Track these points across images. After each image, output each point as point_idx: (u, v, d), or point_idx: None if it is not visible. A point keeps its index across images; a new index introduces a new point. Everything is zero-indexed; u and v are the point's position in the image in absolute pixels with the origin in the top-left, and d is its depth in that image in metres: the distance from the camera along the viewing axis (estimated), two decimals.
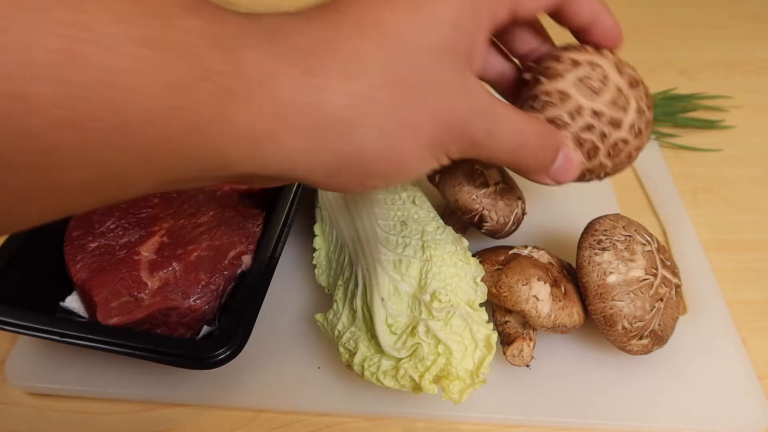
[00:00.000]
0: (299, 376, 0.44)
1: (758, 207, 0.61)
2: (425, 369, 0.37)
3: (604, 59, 0.37)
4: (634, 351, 0.42)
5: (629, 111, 0.37)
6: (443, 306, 0.38)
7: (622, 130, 0.37)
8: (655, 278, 0.42)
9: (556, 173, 0.36)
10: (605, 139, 0.37)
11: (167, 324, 0.42)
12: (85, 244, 0.45)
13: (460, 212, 0.47)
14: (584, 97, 0.36)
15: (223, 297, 0.44)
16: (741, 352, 0.47)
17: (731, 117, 0.71)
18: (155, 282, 0.43)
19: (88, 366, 0.43)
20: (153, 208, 0.47)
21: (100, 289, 0.42)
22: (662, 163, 0.63)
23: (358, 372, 0.38)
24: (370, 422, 0.43)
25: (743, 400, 0.44)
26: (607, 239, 0.42)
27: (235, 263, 0.44)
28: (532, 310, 0.41)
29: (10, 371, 0.43)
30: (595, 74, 0.37)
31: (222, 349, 0.38)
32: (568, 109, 0.36)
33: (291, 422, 0.43)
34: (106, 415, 0.43)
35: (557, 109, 0.37)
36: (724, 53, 0.82)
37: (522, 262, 0.43)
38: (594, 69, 0.37)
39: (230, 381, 0.43)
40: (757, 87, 0.77)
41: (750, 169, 0.65)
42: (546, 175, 0.36)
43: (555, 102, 0.37)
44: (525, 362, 0.42)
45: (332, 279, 0.46)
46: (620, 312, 0.41)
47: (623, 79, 0.37)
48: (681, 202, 0.59)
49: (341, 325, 0.41)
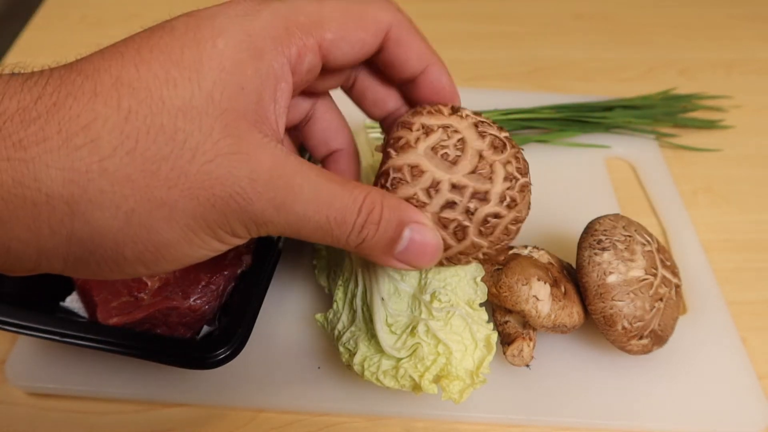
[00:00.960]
0: (299, 376, 0.44)
1: (758, 207, 0.61)
2: (425, 369, 0.37)
3: (461, 121, 0.33)
4: (634, 351, 0.42)
5: (496, 180, 0.32)
6: (443, 306, 0.38)
7: (491, 203, 0.32)
8: (655, 278, 0.42)
9: (405, 256, 0.29)
10: (472, 216, 0.32)
11: (167, 324, 0.42)
12: None
13: None
14: (440, 170, 0.32)
15: (223, 297, 0.44)
16: (741, 352, 0.47)
17: (731, 117, 0.71)
18: (155, 282, 0.43)
19: (88, 366, 0.43)
20: None
21: (100, 289, 0.42)
22: (662, 163, 0.63)
23: (358, 372, 0.38)
24: (370, 422, 0.43)
25: (743, 400, 0.44)
26: (607, 239, 0.42)
27: (235, 263, 0.44)
28: (532, 310, 0.41)
29: (10, 371, 0.43)
30: (451, 141, 0.32)
31: (222, 349, 0.38)
32: (423, 185, 0.31)
33: (291, 422, 0.43)
34: (106, 415, 0.43)
35: (410, 187, 0.31)
36: (724, 53, 0.82)
37: (522, 262, 0.43)
38: (449, 135, 0.32)
39: (230, 381, 0.43)
40: (757, 87, 0.77)
41: (750, 169, 0.65)
42: (392, 258, 0.29)
43: (407, 179, 0.32)
44: (525, 362, 0.42)
45: (332, 279, 0.46)
46: (620, 312, 0.41)
47: (485, 143, 0.32)
48: (681, 202, 0.59)
49: (341, 325, 0.41)
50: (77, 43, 0.74)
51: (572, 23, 0.86)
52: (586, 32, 0.84)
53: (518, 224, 0.35)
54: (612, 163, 0.64)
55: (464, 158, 0.32)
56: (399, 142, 0.32)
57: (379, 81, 0.35)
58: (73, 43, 0.75)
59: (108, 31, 0.36)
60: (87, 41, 0.74)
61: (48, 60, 0.25)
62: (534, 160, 0.61)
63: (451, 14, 0.87)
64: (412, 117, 0.34)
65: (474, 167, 0.32)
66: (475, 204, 0.32)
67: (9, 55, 0.73)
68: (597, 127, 0.65)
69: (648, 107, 0.68)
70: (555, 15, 0.87)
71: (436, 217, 0.31)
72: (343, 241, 0.28)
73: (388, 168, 0.32)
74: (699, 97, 0.72)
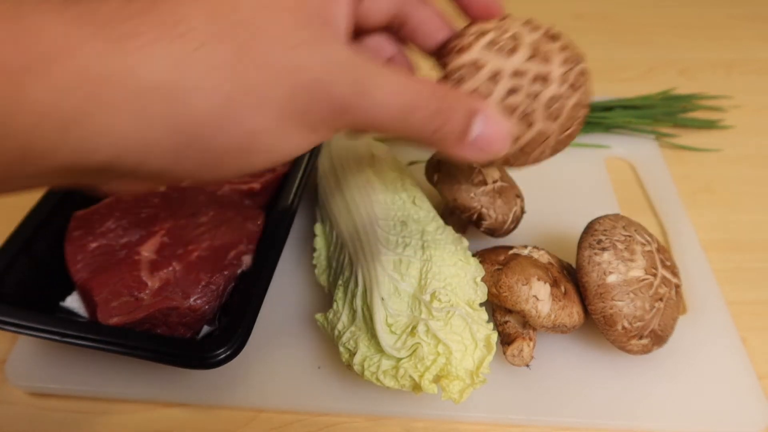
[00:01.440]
0: (299, 376, 0.44)
1: (758, 207, 0.61)
2: (425, 369, 0.37)
3: (512, 22, 0.34)
4: (634, 351, 0.42)
5: (553, 63, 0.33)
6: (443, 306, 0.38)
7: (553, 85, 0.33)
8: (655, 278, 0.42)
9: (479, 143, 0.29)
10: (536, 98, 0.33)
11: (167, 324, 0.42)
12: (86, 244, 0.45)
13: (459, 211, 0.47)
14: (499, 59, 0.33)
15: (224, 297, 0.44)
16: (741, 352, 0.47)
17: (731, 117, 0.71)
18: (155, 282, 0.43)
19: (88, 366, 0.43)
20: (153, 208, 0.47)
21: (100, 289, 0.42)
22: (662, 163, 0.63)
23: (358, 372, 0.38)
24: (370, 422, 0.43)
25: (743, 400, 0.44)
26: (607, 239, 0.42)
27: (235, 263, 0.44)
28: (531, 310, 0.41)
29: (10, 371, 0.43)
30: (505, 36, 0.33)
31: (222, 349, 0.38)
32: (485, 77, 0.32)
33: (291, 422, 0.43)
34: (106, 415, 0.43)
35: (473, 81, 0.33)
36: (724, 53, 0.82)
37: (522, 261, 0.43)
38: (503, 32, 0.33)
39: (230, 381, 0.43)
40: (757, 87, 0.77)
41: (750, 169, 0.65)
42: (465, 146, 0.29)
43: (468, 74, 0.33)
44: (525, 362, 0.42)
45: (332, 279, 0.46)
46: (620, 312, 0.41)
47: (538, 34, 0.34)
48: (681, 202, 0.59)
49: (341, 325, 0.41)
50: None
51: (572, 23, 0.86)
52: (586, 32, 0.84)
53: (583, 109, 0.35)
54: (612, 163, 0.64)
55: (521, 48, 0.33)
56: (454, 48, 0.34)
57: (430, 13, 0.36)
58: None
59: None
60: None
61: None
62: None
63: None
64: (465, 28, 0.35)
65: (531, 54, 0.33)
66: (538, 87, 0.33)
67: None
68: (597, 127, 0.65)
69: (648, 107, 0.68)
70: (555, 15, 0.87)
71: (501, 106, 0.32)
72: (418, 129, 0.28)
73: (447, 71, 0.33)
74: (699, 97, 0.72)
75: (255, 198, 0.51)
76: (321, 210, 0.50)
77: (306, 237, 0.52)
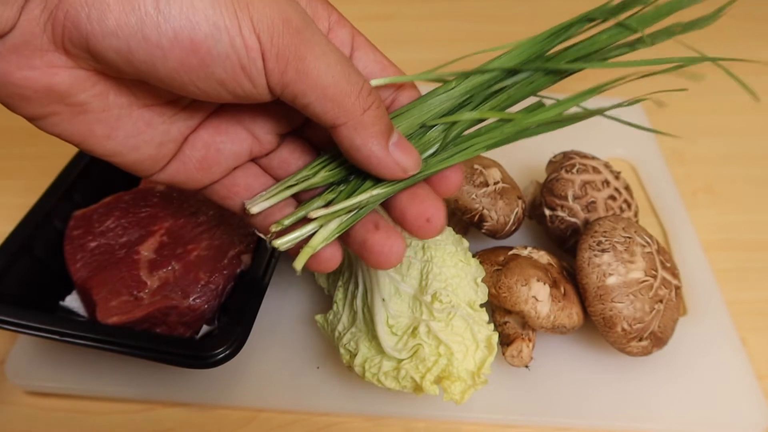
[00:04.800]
0: (299, 376, 0.44)
1: (758, 207, 0.61)
2: (426, 370, 0.37)
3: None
4: (634, 352, 0.42)
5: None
6: (444, 307, 0.38)
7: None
8: (655, 280, 0.42)
9: (399, 148, 0.29)
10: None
11: (167, 323, 0.42)
12: (85, 244, 0.45)
13: (460, 212, 0.47)
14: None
15: (223, 296, 0.44)
16: (741, 353, 0.47)
17: (731, 117, 0.71)
18: (155, 281, 0.43)
19: (88, 365, 0.43)
20: (153, 207, 0.47)
21: (99, 289, 0.42)
22: (662, 163, 0.63)
23: (359, 373, 0.38)
24: (370, 422, 0.43)
25: (743, 401, 0.44)
26: (607, 241, 0.42)
27: (234, 262, 0.44)
28: (531, 311, 0.41)
29: (10, 371, 0.43)
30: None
31: (221, 349, 0.38)
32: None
33: (291, 422, 0.43)
34: (106, 414, 0.43)
35: None
36: (724, 53, 0.81)
37: (521, 262, 0.43)
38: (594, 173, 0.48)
39: (230, 381, 0.43)
40: (757, 87, 0.76)
41: (750, 169, 0.65)
42: (388, 147, 0.29)
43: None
44: (524, 363, 0.42)
45: (332, 280, 0.46)
46: (620, 313, 0.41)
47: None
48: (681, 202, 0.59)
49: (342, 326, 0.41)
50: None
51: None
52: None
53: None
54: (612, 164, 0.64)
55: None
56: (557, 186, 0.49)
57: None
58: None
59: None
60: None
61: None
62: (533, 160, 0.60)
63: (452, 14, 0.87)
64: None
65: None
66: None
67: None
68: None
69: None
70: (555, 15, 0.86)
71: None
72: (353, 99, 0.27)
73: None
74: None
75: None
76: None
77: None
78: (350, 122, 0.28)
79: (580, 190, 0.48)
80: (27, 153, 0.61)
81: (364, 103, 0.28)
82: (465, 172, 0.47)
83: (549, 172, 0.52)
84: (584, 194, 0.48)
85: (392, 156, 0.29)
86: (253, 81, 0.26)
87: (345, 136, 0.28)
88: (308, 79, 0.26)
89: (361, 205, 0.31)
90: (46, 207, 0.45)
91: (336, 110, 0.27)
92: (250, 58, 0.25)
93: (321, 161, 0.32)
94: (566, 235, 0.49)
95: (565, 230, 0.48)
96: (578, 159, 0.50)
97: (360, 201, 0.31)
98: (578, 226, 0.48)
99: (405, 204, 0.32)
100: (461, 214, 0.47)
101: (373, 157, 0.29)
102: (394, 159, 0.29)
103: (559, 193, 0.48)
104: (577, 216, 0.48)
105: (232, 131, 0.32)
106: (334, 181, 0.32)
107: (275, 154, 0.34)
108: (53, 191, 0.47)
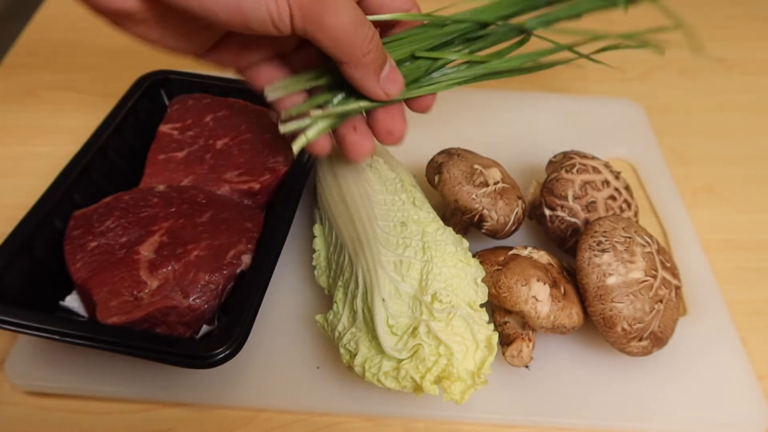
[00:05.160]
0: (299, 376, 0.44)
1: (758, 207, 0.61)
2: (426, 370, 0.37)
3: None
4: (634, 352, 0.42)
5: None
6: (444, 307, 0.38)
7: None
8: (655, 280, 0.42)
9: (386, 81, 0.38)
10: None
11: (167, 323, 0.42)
12: (85, 244, 0.45)
13: (460, 212, 0.47)
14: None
15: (223, 296, 0.44)
16: (741, 353, 0.47)
17: (731, 117, 0.71)
18: (155, 281, 0.43)
19: (88, 365, 0.43)
20: (153, 207, 0.47)
21: (99, 289, 0.42)
22: (662, 163, 0.63)
23: (359, 373, 0.38)
24: (370, 422, 0.43)
25: (743, 401, 0.44)
26: (607, 240, 0.42)
27: (234, 263, 0.44)
28: (531, 311, 0.41)
29: (10, 371, 0.43)
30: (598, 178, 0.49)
31: (221, 349, 0.38)
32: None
33: (291, 422, 0.43)
34: (106, 414, 0.43)
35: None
36: (724, 53, 0.81)
37: (521, 262, 0.43)
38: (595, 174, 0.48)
39: (230, 381, 0.43)
40: (757, 87, 0.76)
41: (750, 169, 0.65)
42: (378, 82, 0.37)
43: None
44: (524, 363, 0.42)
45: (332, 280, 0.46)
46: (620, 313, 0.41)
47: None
48: (681, 202, 0.59)
49: (341, 326, 0.41)
50: (77, 43, 0.74)
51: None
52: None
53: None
54: (612, 163, 0.64)
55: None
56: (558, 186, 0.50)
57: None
58: (74, 43, 0.74)
59: (108, 31, 0.36)
60: (87, 41, 0.74)
61: (49, 61, 0.25)
62: (533, 160, 0.61)
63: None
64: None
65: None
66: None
67: (9, 55, 0.73)
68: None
69: None
70: None
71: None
72: (357, 46, 0.35)
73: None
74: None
75: (254, 198, 0.51)
76: (320, 211, 0.50)
77: (305, 237, 0.52)
78: (352, 62, 0.36)
79: (580, 190, 0.48)
80: (27, 153, 0.61)
81: (365, 49, 0.36)
82: (465, 173, 0.47)
83: (549, 172, 0.52)
84: (584, 194, 0.48)
85: (380, 86, 0.38)
86: (280, 30, 0.34)
87: (346, 70, 0.37)
88: (325, 31, 0.34)
89: (349, 113, 0.40)
90: (46, 207, 0.45)
91: (342, 54, 0.35)
92: (281, 19, 0.33)
93: (326, 67, 0.40)
94: (566, 235, 0.49)
95: (565, 230, 0.48)
96: (578, 159, 0.50)
97: (349, 109, 0.40)
98: (578, 226, 0.48)
99: (379, 116, 0.41)
100: (461, 214, 0.47)
101: (365, 88, 0.38)
102: (382, 88, 0.38)
103: (559, 193, 0.48)
104: (577, 216, 0.48)
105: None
106: (333, 84, 0.40)
107: (296, 56, 0.42)
108: (53, 191, 0.47)
